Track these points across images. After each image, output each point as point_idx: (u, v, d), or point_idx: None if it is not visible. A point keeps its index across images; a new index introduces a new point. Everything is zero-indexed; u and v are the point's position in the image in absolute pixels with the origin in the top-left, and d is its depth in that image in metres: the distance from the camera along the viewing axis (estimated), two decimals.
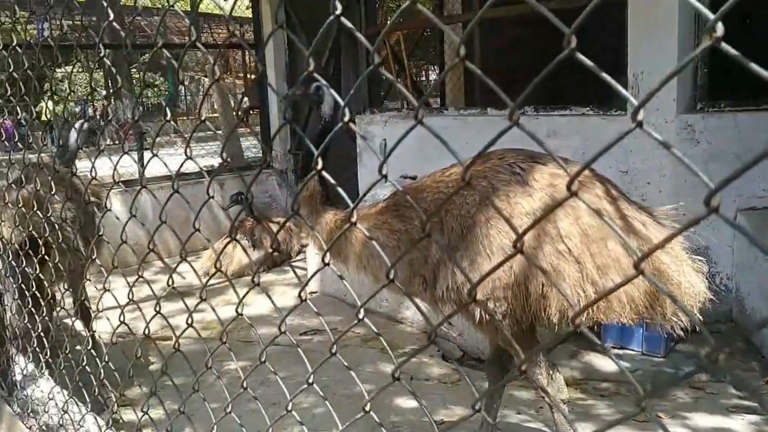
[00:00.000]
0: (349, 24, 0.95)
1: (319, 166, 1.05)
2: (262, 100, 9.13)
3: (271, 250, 7.38)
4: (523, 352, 2.72)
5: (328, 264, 1.11)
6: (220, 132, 10.26)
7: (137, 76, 14.54)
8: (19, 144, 3.21)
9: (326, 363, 1.42)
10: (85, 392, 2.38)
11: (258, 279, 1.35)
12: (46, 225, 2.49)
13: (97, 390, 2.29)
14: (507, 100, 0.75)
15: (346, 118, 0.96)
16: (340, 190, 1.11)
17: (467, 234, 2.58)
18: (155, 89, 23.00)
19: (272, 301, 1.61)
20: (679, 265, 2.52)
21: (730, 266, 4.89)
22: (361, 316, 1.06)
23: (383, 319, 5.67)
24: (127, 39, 1.77)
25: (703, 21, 4.88)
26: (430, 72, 19.46)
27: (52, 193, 2.36)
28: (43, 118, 14.26)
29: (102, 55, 1.70)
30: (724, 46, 0.61)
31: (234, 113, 9.91)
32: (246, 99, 8.91)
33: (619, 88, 0.67)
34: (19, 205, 2.72)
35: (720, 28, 0.60)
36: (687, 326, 2.51)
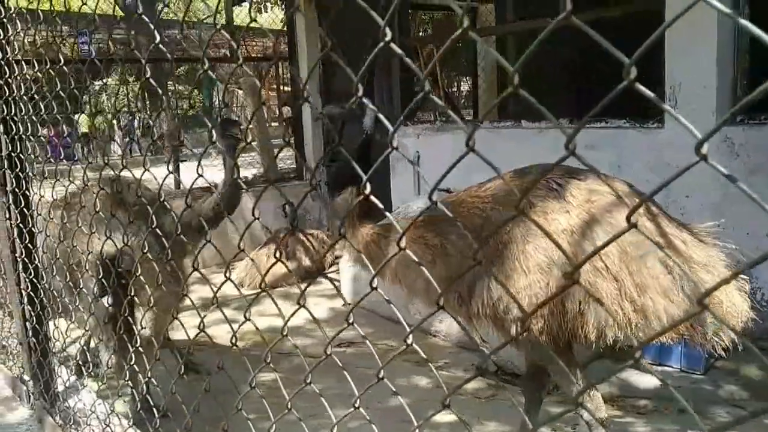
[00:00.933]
0: (399, 51, 0.96)
1: (368, 191, 1.06)
2: (296, 113, 9.19)
3: (306, 262, 7.44)
4: (558, 368, 2.71)
5: (375, 288, 1.11)
6: (254, 143, 10.34)
7: (173, 89, 14.75)
8: (63, 160, 3.27)
9: (360, 375, 1.43)
10: (129, 408, 2.40)
11: (304, 300, 1.35)
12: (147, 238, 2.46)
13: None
14: (563, 129, 0.74)
15: (395, 143, 0.96)
16: (389, 215, 1.11)
17: (503, 250, 2.55)
18: (191, 101, 23.24)
19: (313, 317, 1.62)
20: (681, 268, 2.48)
21: None
22: (409, 341, 1.06)
23: (415, 331, 5.64)
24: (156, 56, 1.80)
25: (742, 34, 4.81)
26: (461, 83, 19.42)
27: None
28: (83, 129, 14.54)
29: (146, 77, 1.73)
30: None
31: (269, 125, 9.98)
32: (288, 109, 8.96)
33: (686, 123, 0.66)
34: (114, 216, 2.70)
35: None
36: (729, 346, 2.46)
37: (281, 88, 13.34)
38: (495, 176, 2.74)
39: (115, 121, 19.49)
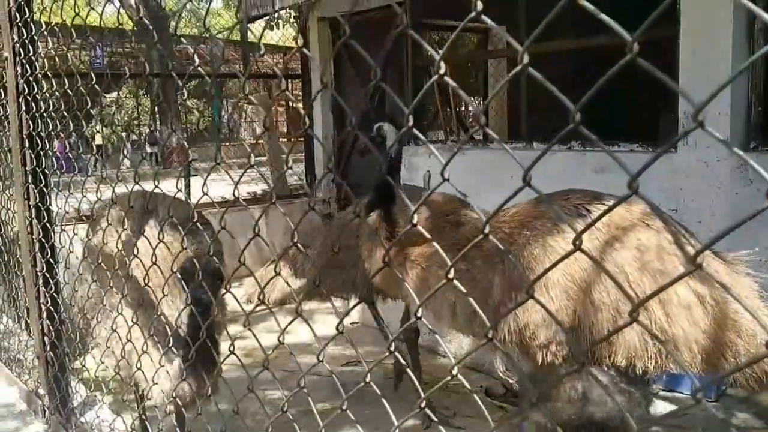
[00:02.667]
0: (452, 83, 0.97)
1: (415, 221, 1.06)
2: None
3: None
4: None
5: (420, 318, 1.11)
6: (264, 158, 10.39)
7: (181, 102, 14.85)
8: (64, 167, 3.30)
9: (368, 396, 1.44)
10: (148, 425, 2.39)
11: (342, 327, 1.36)
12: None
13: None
14: (627, 169, 0.75)
15: (447, 175, 0.97)
16: (436, 245, 1.11)
17: (530, 275, 2.52)
18: (201, 116, 23.39)
19: (313, 332, 1.63)
20: (754, 315, 2.44)
21: None
22: (455, 372, 1.06)
23: (423, 351, 5.62)
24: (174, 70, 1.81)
25: (757, 60, 4.82)
26: (473, 102, 19.46)
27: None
28: (98, 141, 14.65)
29: (158, 99, 1.74)
30: None
31: (279, 140, 10.01)
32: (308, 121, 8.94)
33: (757, 166, 0.67)
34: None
35: None
36: (763, 379, 2.42)
37: (290, 104, 13.38)
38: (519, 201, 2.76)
39: (124, 134, 19.59)
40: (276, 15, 11.13)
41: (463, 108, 10.13)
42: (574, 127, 0.79)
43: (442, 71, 0.95)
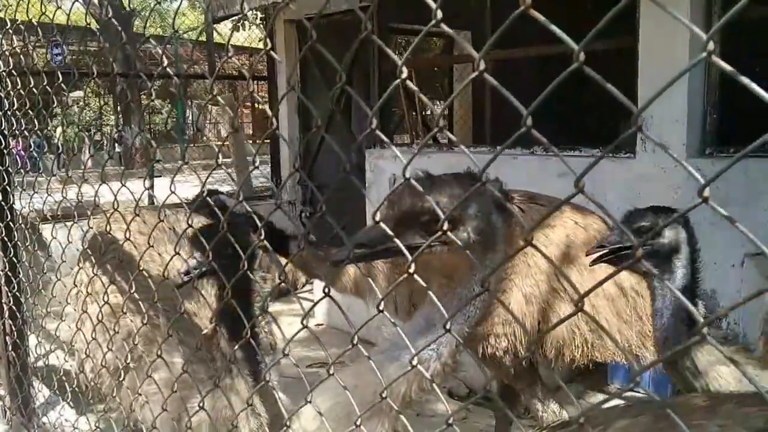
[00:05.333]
0: (414, 86, 1.02)
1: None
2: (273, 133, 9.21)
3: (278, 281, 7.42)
4: (525, 387, 2.76)
5: (382, 311, 1.16)
6: (229, 160, 10.36)
7: (146, 102, 14.71)
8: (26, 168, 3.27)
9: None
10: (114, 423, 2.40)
11: (307, 321, 1.40)
12: None
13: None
14: (572, 170, 0.80)
15: (408, 174, 1.02)
16: (401, 245, 1.16)
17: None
18: (163, 116, 23.18)
19: (280, 330, 1.65)
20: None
21: (738, 310, 4.90)
22: (414, 362, 1.10)
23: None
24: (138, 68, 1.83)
25: (712, 69, 4.97)
26: (436, 107, 19.64)
27: None
28: (55, 140, 14.43)
29: (122, 99, 1.76)
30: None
31: (244, 143, 9.98)
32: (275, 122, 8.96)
33: (691, 169, 0.72)
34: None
35: None
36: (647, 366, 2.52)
37: (257, 106, 13.34)
38: None
39: (85, 134, 19.30)
40: (242, 16, 11.10)
41: (428, 112, 10.20)
42: (526, 131, 0.84)
43: (404, 76, 0.99)
